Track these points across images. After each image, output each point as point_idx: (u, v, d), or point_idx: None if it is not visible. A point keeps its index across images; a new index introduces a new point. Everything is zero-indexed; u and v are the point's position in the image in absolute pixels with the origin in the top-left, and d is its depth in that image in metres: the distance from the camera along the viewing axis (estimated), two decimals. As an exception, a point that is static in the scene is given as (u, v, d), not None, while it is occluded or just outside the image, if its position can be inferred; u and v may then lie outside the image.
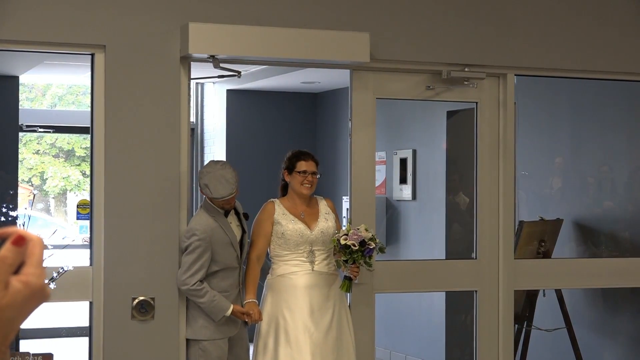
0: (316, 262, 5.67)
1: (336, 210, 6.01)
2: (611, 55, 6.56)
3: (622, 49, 6.58)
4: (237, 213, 5.67)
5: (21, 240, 1.11)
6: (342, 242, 5.53)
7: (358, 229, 5.57)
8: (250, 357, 5.76)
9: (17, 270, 1.13)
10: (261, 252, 5.70)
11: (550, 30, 6.42)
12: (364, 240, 5.51)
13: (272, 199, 5.80)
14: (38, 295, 1.13)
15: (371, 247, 5.55)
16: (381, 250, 5.69)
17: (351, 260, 5.55)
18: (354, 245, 5.50)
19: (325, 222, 5.74)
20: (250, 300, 5.59)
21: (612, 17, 6.57)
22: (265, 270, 5.79)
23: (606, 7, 6.56)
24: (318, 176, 5.77)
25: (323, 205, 5.82)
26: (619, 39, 6.57)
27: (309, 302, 5.58)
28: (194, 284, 5.42)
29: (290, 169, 5.73)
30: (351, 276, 5.65)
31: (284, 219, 5.68)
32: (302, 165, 5.71)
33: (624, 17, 6.60)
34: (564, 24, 6.45)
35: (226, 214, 5.56)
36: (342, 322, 5.68)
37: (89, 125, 5.71)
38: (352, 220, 6.04)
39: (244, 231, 5.66)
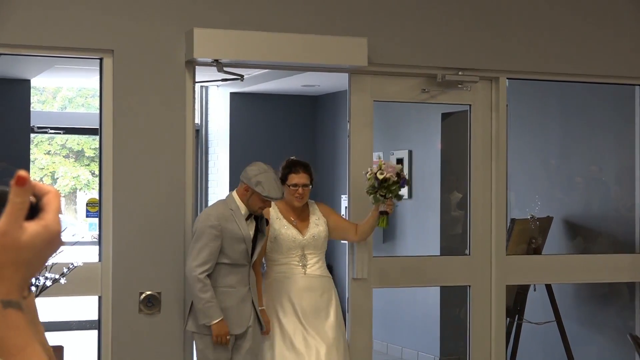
0: (308, 266, 5.58)
1: (331, 208, 5.95)
2: (599, 59, 6.55)
3: (609, 53, 6.57)
4: (255, 217, 5.48)
5: (22, 180, 1.10)
6: (379, 176, 5.46)
7: (385, 163, 5.54)
8: None
9: (32, 216, 1.12)
10: (262, 252, 5.59)
11: (541, 35, 6.42)
12: (398, 172, 5.51)
13: None
14: (55, 242, 1.13)
15: (404, 177, 5.55)
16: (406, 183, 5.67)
17: (389, 193, 5.49)
18: (393, 177, 5.46)
19: (315, 227, 5.65)
20: (262, 307, 5.50)
21: (601, 23, 6.57)
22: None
23: (595, 14, 6.56)
24: (309, 186, 5.65)
25: (315, 210, 5.74)
26: (607, 43, 6.57)
27: (301, 305, 5.49)
28: (202, 272, 5.22)
29: (283, 180, 5.66)
30: (388, 210, 5.58)
31: (277, 224, 5.60)
32: (292, 179, 5.61)
33: (612, 23, 6.59)
34: (554, 29, 6.45)
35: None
36: (335, 324, 5.58)
37: (98, 126, 5.71)
38: (349, 217, 6.03)
39: (258, 231, 5.46)
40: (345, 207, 6.37)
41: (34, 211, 1.12)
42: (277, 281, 5.57)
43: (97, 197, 6.22)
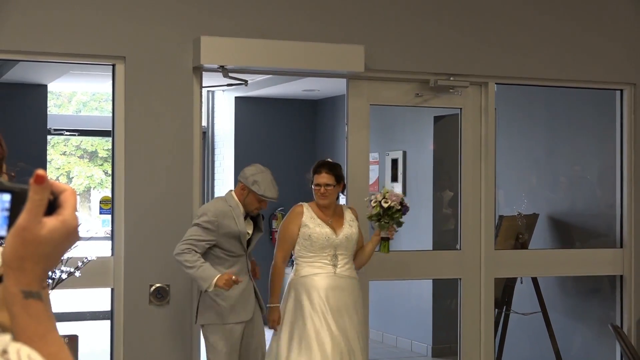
0: (338, 266, 5.42)
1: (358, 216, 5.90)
2: (583, 65, 6.59)
3: (593, 59, 6.61)
4: (252, 217, 5.42)
5: (40, 178, 1.12)
6: (384, 204, 5.41)
7: (389, 192, 5.49)
8: (267, 344, 5.52)
9: (50, 213, 1.15)
10: (287, 255, 5.51)
11: (528, 43, 6.45)
12: (401, 201, 5.47)
13: (301, 203, 5.58)
14: (72, 236, 1.15)
15: (406, 205, 5.50)
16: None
17: (391, 220, 5.45)
18: (396, 205, 5.43)
19: (349, 228, 5.51)
20: (274, 305, 5.39)
21: (585, 31, 6.60)
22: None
23: (579, 23, 6.59)
24: (333, 186, 5.47)
25: (348, 214, 5.60)
26: (591, 50, 6.60)
27: (329, 302, 5.36)
28: (186, 249, 5.07)
29: (311, 181, 5.58)
30: (389, 236, 5.52)
31: (311, 222, 5.44)
32: (316, 179, 5.49)
33: (596, 31, 6.62)
34: (540, 37, 6.48)
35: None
36: (359, 324, 5.48)
37: (110, 129, 5.74)
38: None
39: (256, 229, 5.42)
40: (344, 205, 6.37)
41: (52, 208, 1.14)
42: (306, 278, 5.40)
43: (109, 195, 6.24)
